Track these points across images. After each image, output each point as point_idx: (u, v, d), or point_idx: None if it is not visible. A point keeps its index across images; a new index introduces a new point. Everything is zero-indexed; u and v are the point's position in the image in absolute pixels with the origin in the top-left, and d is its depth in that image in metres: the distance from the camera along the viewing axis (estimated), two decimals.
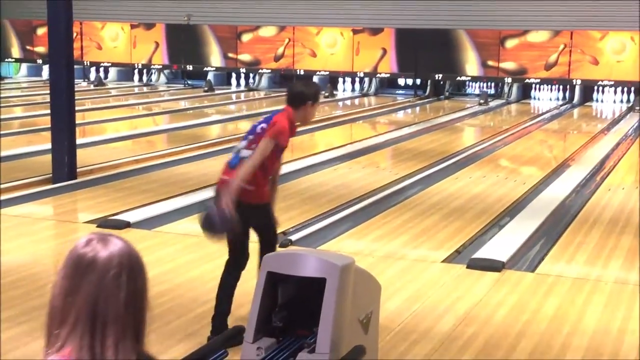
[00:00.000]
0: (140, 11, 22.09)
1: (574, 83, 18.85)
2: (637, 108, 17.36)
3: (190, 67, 21.85)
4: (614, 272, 5.72)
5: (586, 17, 18.50)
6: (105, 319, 1.56)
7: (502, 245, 6.29)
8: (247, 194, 4.20)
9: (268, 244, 4.39)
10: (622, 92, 18.73)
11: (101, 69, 22.73)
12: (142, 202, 7.56)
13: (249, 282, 3.06)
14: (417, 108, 18.24)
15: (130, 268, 1.61)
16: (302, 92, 4.41)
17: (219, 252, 6.10)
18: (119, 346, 1.58)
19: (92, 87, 20.80)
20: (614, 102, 18.76)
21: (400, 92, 20.43)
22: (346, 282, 2.89)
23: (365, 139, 12.62)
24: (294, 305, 3.06)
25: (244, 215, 4.17)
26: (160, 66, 22.37)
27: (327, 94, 19.37)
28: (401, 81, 20.47)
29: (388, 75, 20.29)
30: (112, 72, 22.89)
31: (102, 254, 1.59)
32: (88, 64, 22.74)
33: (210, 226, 4.21)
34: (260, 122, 4.42)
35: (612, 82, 18.51)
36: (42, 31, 21.91)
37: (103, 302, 1.57)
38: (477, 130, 15.07)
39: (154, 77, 22.49)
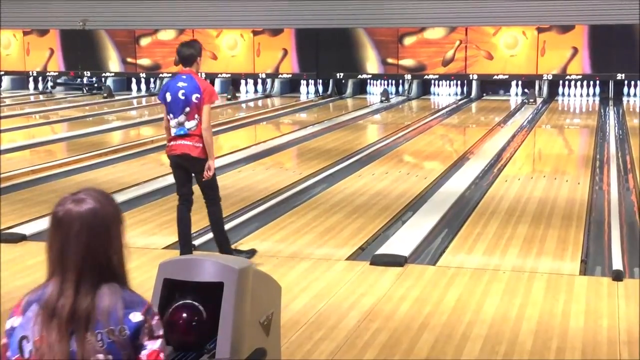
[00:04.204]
0: (33, 17, 21.43)
1: (471, 78, 19.35)
2: (531, 100, 17.96)
3: (88, 73, 21.34)
4: (511, 260, 5.89)
5: (480, 13, 19.02)
6: (67, 266, 1.92)
7: (404, 240, 6.40)
8: (197, 150, 5.49)
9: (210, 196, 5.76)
10: (517, 85, 19.37)
11: None
12: (39, 214, 7.31)
13: (151, 291, 3.00)
14: (320, 107, 18.35)
15: (91, 228, 1.93)
16: (192, 54, 5.60)
17: None
18: (79, 286, 1.94)
19: None
20: (510, 95, 19.37)
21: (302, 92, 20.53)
22: (244, 285, 2.88)
23: (269, 140, 12.62)
24: None
25: (194, 167, 5.54)
26: (57, 73, 21.77)
27: (229, 96, 19.26)
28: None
29: (290, 75, 20.35)
30: (6, 80, 22.17)
31: (69, 215, 1.94)
32: None
33: None
34: (185, 94, 5.45)
35: (506, 76, 19.09)
36: None
37: (65, 254, 1.93)
38: (380, 128, 15.27)
39: (50, 85, 21.87)
